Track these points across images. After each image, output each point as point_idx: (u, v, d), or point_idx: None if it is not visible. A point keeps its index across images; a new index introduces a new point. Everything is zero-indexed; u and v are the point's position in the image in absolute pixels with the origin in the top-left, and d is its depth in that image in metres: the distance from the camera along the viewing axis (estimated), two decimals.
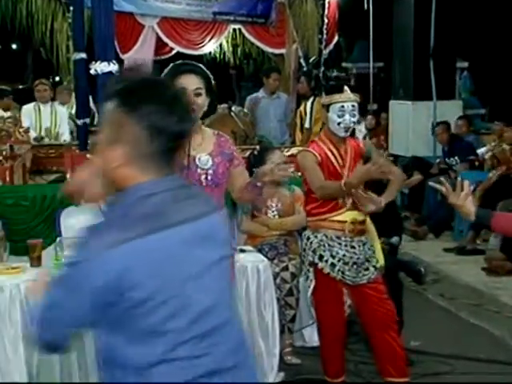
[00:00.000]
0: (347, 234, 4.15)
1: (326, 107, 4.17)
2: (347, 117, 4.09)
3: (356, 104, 4.15)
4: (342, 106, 4.10)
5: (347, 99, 4.12)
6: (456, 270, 7.23)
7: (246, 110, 8.45)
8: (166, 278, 1.79)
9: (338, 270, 4.16)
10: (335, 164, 4.17)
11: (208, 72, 3.53)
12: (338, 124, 4.10)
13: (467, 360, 5.05)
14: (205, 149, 3.45)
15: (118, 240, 1.73)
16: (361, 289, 4.22)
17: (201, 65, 3.58)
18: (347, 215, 4.15)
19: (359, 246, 4.19)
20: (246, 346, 2.00)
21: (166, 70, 3.56)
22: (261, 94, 8.90)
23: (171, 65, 3.59)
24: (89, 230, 1.79)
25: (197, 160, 3.42)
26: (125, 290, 1.74)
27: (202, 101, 3.42)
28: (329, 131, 4.20)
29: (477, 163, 8.76)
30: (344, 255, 4.14)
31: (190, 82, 3.41)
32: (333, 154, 4.18)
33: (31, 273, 4.02)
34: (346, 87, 4.15)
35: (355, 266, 4.16)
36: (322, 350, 4.45)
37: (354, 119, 4.13)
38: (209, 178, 3.43)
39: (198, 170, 3.41)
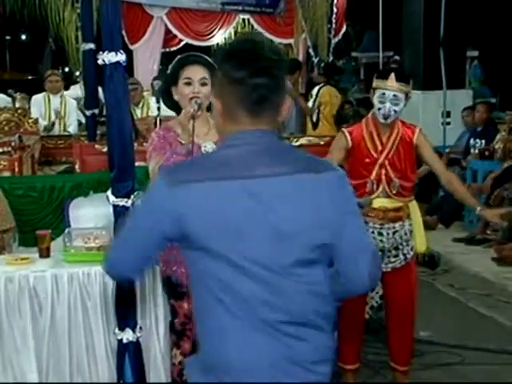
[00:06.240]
0: (376, 220, 4.15)
1: (373, 90, 4.17)
2: (387, 104, 4.07)
3: (400, 94, 4.09)
4: (384, 94, 4.08)
5: (389, 87, 4.08)
6: (466, 260, 7.20)
7: None
8: (215, 224, 1.96)
9: None
10: (370, 148, 4.15)
11: (213, 63, 3.56)
12: (378, 109, 4.11)
13: (477, 350, 5.04)
14: (211, 138, 3.52)
15: (178, 180, 1.99)
16: (389, 274, 4.21)
17: (206, 56, 3.63)
18: (376, 202, 4.15)
19: (388, 234, 4.17)
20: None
21: (173, 62, 3.62)
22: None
23: (178, 57, 3.65)
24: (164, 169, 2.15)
25: (202, 148, 3.49)
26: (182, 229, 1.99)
27: (208, 90, 3.44)
28: (373, 114, 4.21)
29: (487, 153, 8.70)
30: None
31: (196, 73, 3.50)
32: (371, 137, 4.17)
33: (40, 264, 4.02)
34: (392, 75, 4.10)
35: (380, 253, 4.15)
36: (340, 335, 4.43)
37: (396, 108, 4.09)
38: None
39: None
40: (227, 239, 1.96)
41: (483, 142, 8.88)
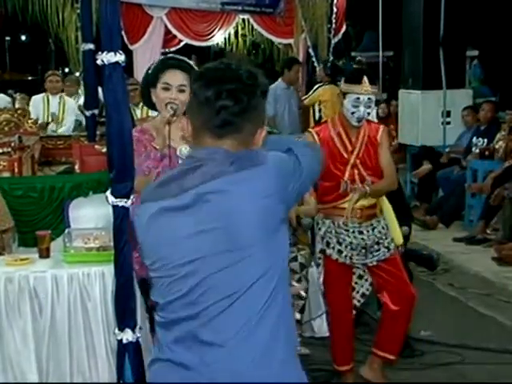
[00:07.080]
0: (354, 220, 4.18)
1: (343, 94, 4.17)
2: (362, 108, 4.10)
3: (373, 97, 4.14)
4: (358, 98, 4.09)
5: (364, 92, 4.10)
6: (466, 260, 7.20)
7: None
8: (154, 242, 2.01)
9: (346, 256, 4.22)
10: (340, 149, 4.19)
11: (195, 68, 3.56)
12: (352, 113, 4.13)
13: (477, 350, 5.04)
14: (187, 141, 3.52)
15: (143, 199, 2.07)
16: (376, 265, 4.25)
17: (189, 61, 3.62)
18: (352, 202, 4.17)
19: (367, 231, 4.22)
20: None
21: (155, 63, 3.60)
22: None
23: (160, 58, 3.64)
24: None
25: (178, 151, 3.49)
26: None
27: (185, 97, 3.42)
28: (342, 115, 4.22)
29: (487, 153, 8.70)
30: (351, 242, 4.17)
31: (175, 78, 3.48)
32: (340, 138, 4.21)
33: (40, 264, 4.02)
34: (365, 78, 4.11)
35: (363, 251, 4.21)
36: (331, 336, 4.47)
37: (369, 110, 4.15)
38: None
39: (179, 161, 3.45)
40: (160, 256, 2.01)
41: (485, 140, 8.87)
